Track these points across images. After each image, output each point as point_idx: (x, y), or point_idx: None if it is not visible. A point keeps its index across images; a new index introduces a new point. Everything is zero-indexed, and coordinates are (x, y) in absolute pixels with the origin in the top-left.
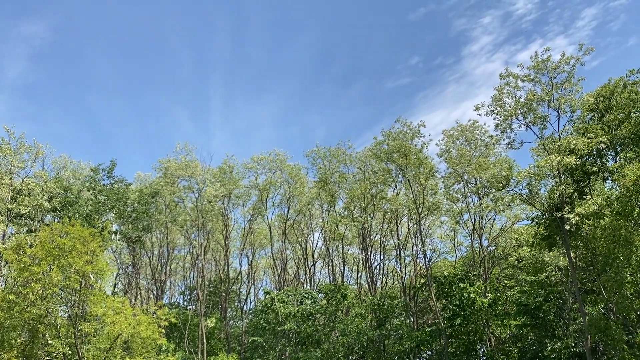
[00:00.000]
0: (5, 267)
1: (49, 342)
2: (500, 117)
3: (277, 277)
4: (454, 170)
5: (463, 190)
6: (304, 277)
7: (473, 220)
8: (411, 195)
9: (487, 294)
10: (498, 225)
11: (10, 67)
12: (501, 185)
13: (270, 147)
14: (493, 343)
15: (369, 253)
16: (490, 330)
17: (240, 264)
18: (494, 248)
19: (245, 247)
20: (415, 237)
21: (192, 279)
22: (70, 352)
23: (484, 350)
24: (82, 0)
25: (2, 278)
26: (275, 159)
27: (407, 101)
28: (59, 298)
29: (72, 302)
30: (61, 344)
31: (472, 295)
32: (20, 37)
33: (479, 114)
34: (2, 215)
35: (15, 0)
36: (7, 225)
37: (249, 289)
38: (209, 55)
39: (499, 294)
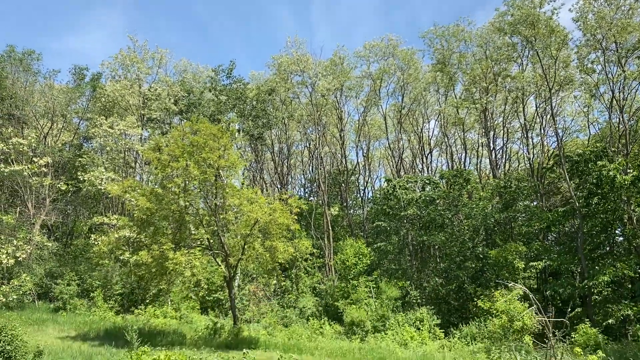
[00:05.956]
0: (147, 166)
1: (193, 231)
2: None
3: (393, 168)
4: (591, 36)
5: (600, 59)
6: (420, 166)
7: (612, 91)
8: (540, 71)
9: (628, 171)
10: None
11: None
12: None
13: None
14: (635, 221)
15: (492, 136)
16: (632, 209)
17: (356, 156)
18: (634, 122)
19: (360, 139)
20: (542, 117)
21: (311, 172)
22: (212, 240)
23: (623, 230)
24: None
25: (146, 176)
26: (388, 45)
27: None
28: (197, 191)
29: (211, 194)
30: (205, 231)
31: (611, 172)
32: None
33: None
34: (137, 121)
35: None
36: (142, 129)
37: (366, 180)
38: None
39: None
